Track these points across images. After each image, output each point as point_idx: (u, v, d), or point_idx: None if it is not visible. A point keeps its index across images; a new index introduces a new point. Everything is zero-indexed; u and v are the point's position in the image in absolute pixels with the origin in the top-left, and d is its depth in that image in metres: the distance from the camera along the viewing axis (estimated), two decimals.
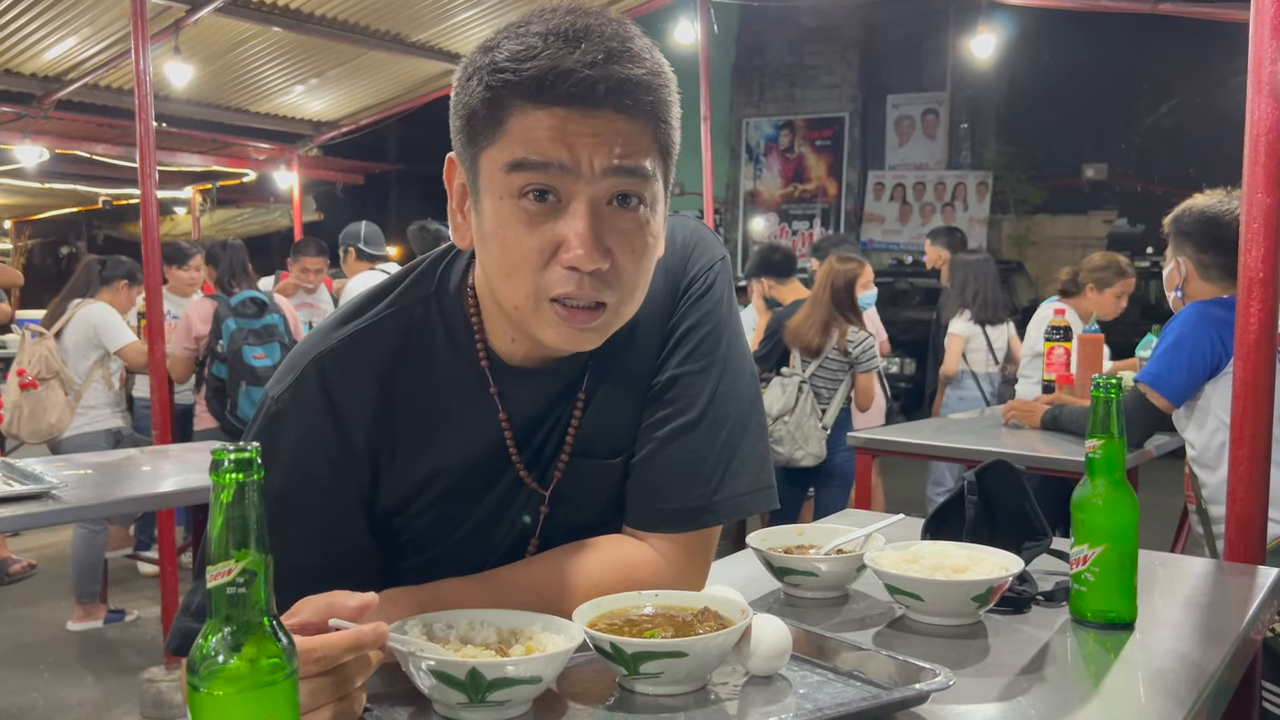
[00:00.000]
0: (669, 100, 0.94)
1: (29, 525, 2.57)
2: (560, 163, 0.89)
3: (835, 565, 1.29)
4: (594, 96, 0.88)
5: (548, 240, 0.91)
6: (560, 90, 0.87)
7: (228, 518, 0.68)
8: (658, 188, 0.95)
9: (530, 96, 0.88)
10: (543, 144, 0.89)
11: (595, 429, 1.08)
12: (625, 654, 0.92)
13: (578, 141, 0.89)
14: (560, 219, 0.90)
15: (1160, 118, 13.59)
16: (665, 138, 0.95)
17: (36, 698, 3.67)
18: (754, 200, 14.37)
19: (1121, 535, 1.19)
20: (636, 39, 0.92)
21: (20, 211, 13.95)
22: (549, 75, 0.87)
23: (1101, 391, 1.19)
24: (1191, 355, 2.54)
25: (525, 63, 0.88)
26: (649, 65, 0.92)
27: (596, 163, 0.89)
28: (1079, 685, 1.07)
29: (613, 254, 0.92)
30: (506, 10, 6.70)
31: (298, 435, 1.00)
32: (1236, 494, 2.05)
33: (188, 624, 1.01)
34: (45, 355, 4.30)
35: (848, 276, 4.17)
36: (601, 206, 0.91)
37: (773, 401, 4.19)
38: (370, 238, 5.34)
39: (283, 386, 1.02)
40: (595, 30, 0.89)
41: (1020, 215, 13.51)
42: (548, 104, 0.88)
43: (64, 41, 6.43)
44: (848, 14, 12.85)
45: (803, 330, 4.20)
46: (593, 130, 0.89)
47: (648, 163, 0.92)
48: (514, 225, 0.91)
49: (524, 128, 0.89)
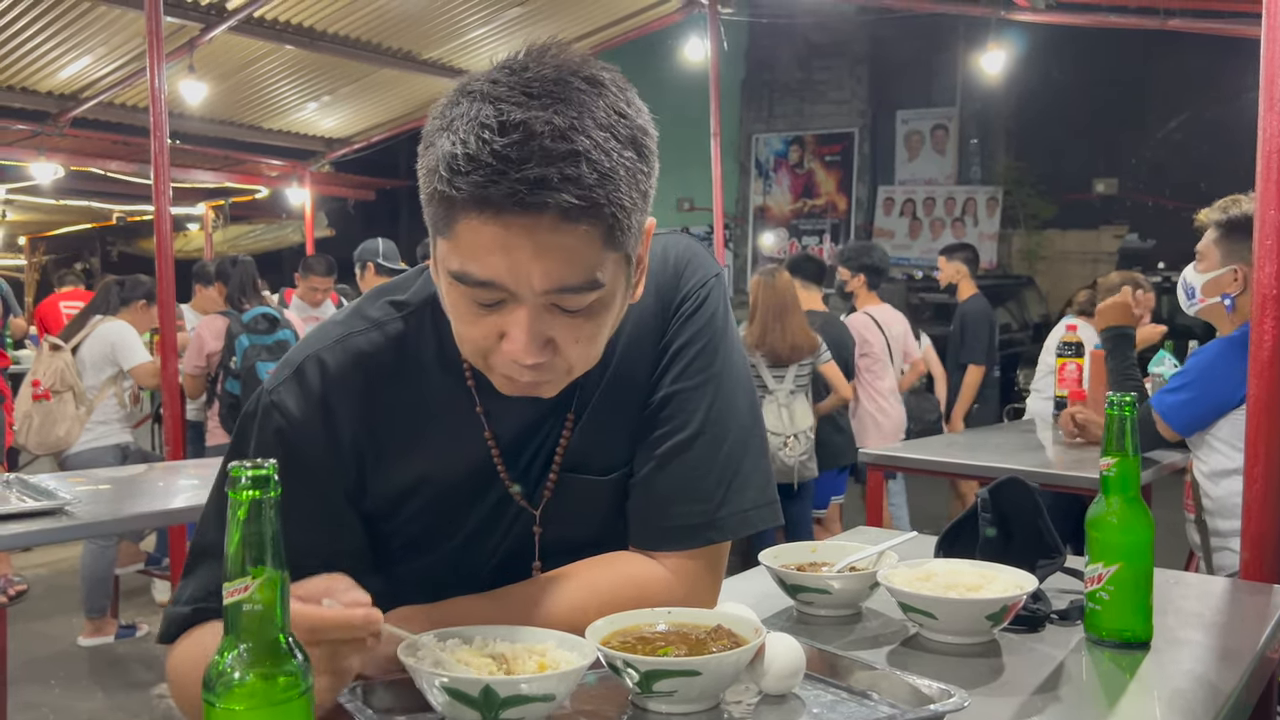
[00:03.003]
0: (622, 191, 0.88)
1: (42, 541, 2.57)
2: (497, 282, 0.88)
3: (848, 583, 1.28)
4: (529, 203, 0.85)
5: (491, 329, 0.92)
6: (492, 203, 0.85)
7: (244, 535, 0.68)
8: (611, 284, 0.92)
9: (467, 204, 0.86)
10: (483, 260, 0.87)
11: (587, 447, 1.08)
12: (638, 672, 0.92)
13: (518, 258, 0.86)
14: (504, 313, 0.91)
15: (1171, 132, 13.57)
16: (620, 234, 0.89)
17: (47, 713, 3.67)
18: (763, 215, 14.37)
19: (1136, 553, 1.18)
20: (586, 116, 0.86)
21: (35, 228, 14.05)
22: (484, 190, 0.85)
23: (1115, 409, 1.18)
24: (1209, 394, 2.45)
25: (464, 174, 0.85)
26: (596, 161, 0.86)
27: (536, 284, 0.88)
28: (1094, 705, 1.06)
29: (556, 345, 0.92)
30: (516, 28, 6.74)
31: (288, 426, 1.02)
32: (1252, 512, 2.04)
33: (174, 611, 1.04)
34: (61, 368, 4.33)
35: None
36: (543, 310, 0.90)
37: (780, 418, 4.20)
38: (388, 253, 5.38)
39: (277, 380, 1.05)
40: (536, 127, 0.85)
41: (1030, 230, 13.47)
42: (483, 212, 0.86)
43: (79, 60, 6.50)
44: (856, 30, 12.87)
45: (789, 339, 4.22)
46: (534, 246, 0.86)
47: (595, 273, 0.89)
48: (461, 310, 0.93)
49: (469, 236, 0.88)
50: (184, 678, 1.00)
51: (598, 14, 6.82)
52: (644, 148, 0.92)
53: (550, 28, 6.85)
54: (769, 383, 4.25)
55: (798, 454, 4.19)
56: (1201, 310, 2.63)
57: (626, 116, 0.90)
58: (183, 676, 1.01)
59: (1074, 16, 6.23)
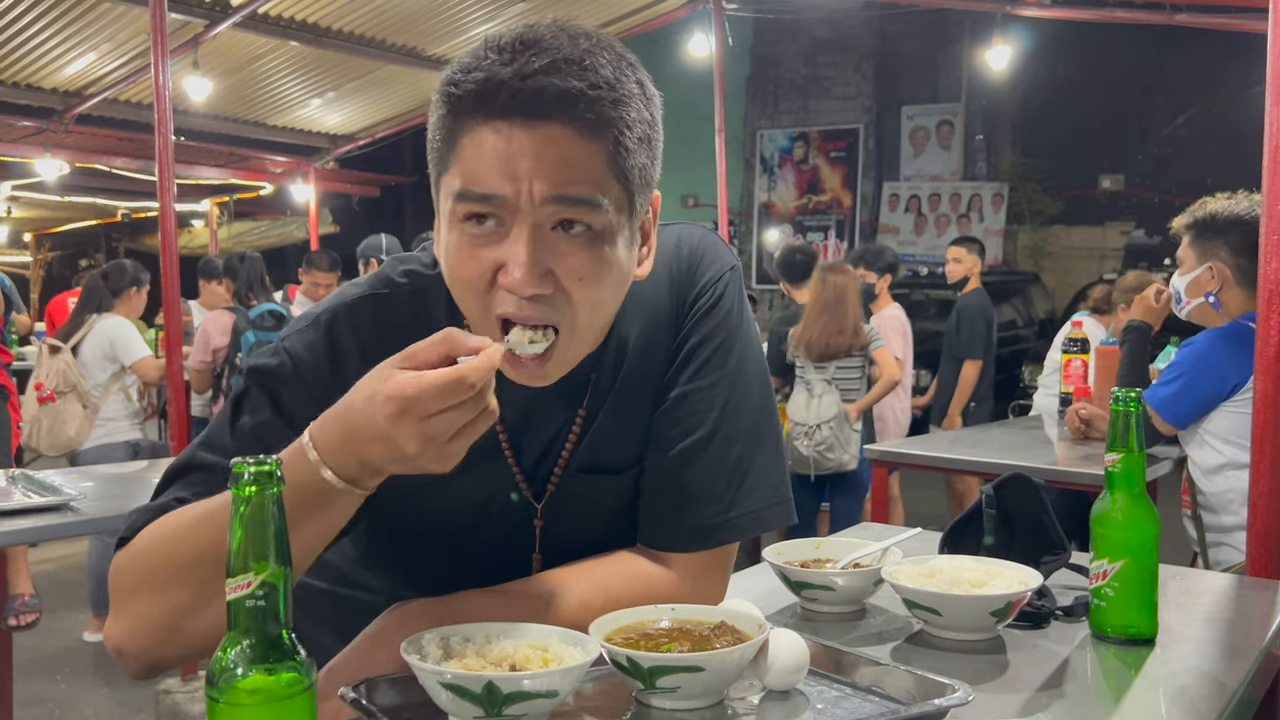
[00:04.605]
0: (629, 119, 0.88)
1: (47, 537, 2.58)
2: (498, 195, 0.87)
3: (852, 579, 1.28)
4: (534, 108, 0.84)
5: (488, 264, 0.90)
6: (498, 103, 0.84)
7: (247, 530, 0.68)
8: (613, 218, 0.90)
9: (472, 111, 0.86)
10: (483, 172, 0.87)
11: (598, 444, 1.07)
12: (642, 668, 0.92)
13: (519, 165, 0.85)
14: (502, 244, 0.89)
15: (1177, 128, 13.53)
16: (624, 162, 0.89)
17: (53, 708, 3.68)
18: (768, 211, 14.36)
19: (1141, 550, 1.18)
20: (599, 53, 0.87)
21: (40, 224, 14.09)
22: (485, 86, 0.84)
23: (1121, 405, 1.18)
24: (1200, 385, 2.48)
25: (468, 74, 0.86)
26: (604, 78, 0.86)
27: (536, 190, 0.86)
28: (1099, 701, 1.06)
29: (557, 278, 0.90)
30: (520, 24, 6.73)
31: (295, 377, 1.01)
32: (1257, 508, 2.04)
33: (134, 514, 0.97)
34: (63, 369, 4.34)
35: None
36: (545, 231, 0.89)
37: (809, 409, 4.23)
38: (392, 249, 5.40)
39: (292, 330, 1.05)
40: (546, 41, 0.86)
41: (1036, 226, 13.45)
42: (490, 118, 0.85)
43: (84, 57, 6.51)
44: (862, 25, 12.85)
45: (825, 335, 4.24)
46: (534, 149, 0.85)
47: (598, 193, 0.87)
48: (459, 249, 0.91)
49: (472, 148, 0.87)
50: (140, 564, 0.92)
51: (602, 9, 6.81)
52: (652, 102, 0.92)
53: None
54: (810, 374, 4.29)
55: (815, 444, 4.21)
56: (1191, 313, 2.69)
57: (636, 69, 0.91)
58: (140, 564, 0.92)
59: (1080, 11, 6.21)
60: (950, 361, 5.48)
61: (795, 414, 4.33)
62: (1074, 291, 11.03)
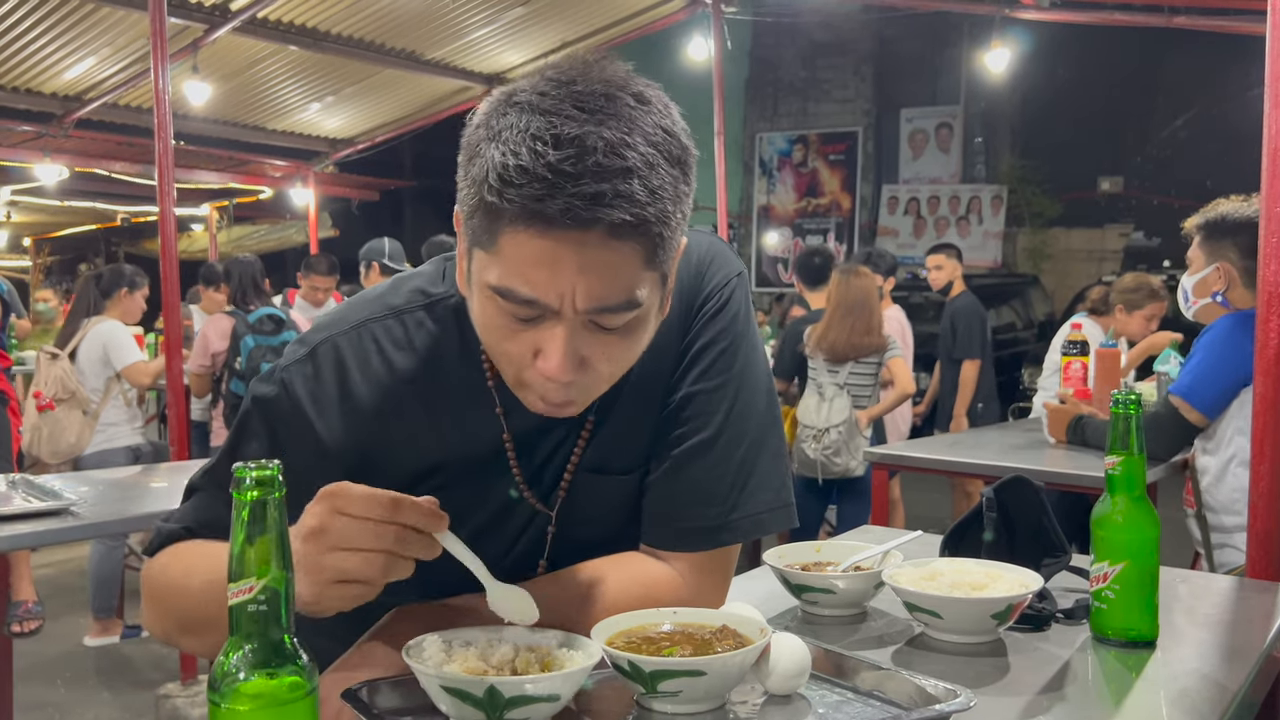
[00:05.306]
0: (670, 208, 0.88)
1: (48, 541, 2.58)
2: (541, 302, 0.87)
3: (853, 582, 1.28)
4: (586, 223, 0.84)
5: (526, 345, 0.91)
6: (548, 218, 0.84)
7: (249, 535, 0.68)
8: (647, 301, 0.91)
9: (519, 222, 0.86)
10: (527, 274, 0.87)
11: (606, 448, 1.08)
12: (643, 672, 0.92)
13: (563, 274, 0.86)
14: (540, 329, 0.90)
15: (1176, 130, 13.55)
16: (662, 253, 0.90)
17: (53, 713, 3.68)
18: (768, 214, 14.37)
19: (1142, 552, 1.18)
20: (638, 134, 0.86)
21: (40, 229, 14.09)
22: (537, 204, 0.84)
23: (1121, 407, 1.18)
24: (1225, 367, 2.48)
25: (516, 186, 0.84)
26: (648, 180, 0.86)
27: (579, 302, 0.87)
28: (1100, 704, 1.06)
29: (590, 364, 0.92)
30: (519, 28, 6.74)
31: (292, 413, 1.03)
32: (1257, 510, 2.03)
33: (164, 527, 1.08)
34: (61, 376, 4.32)
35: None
36: (581, 327, 0.90)
37: (819, 412, 4.22)
38: (394, 253, 5.39)
39: (291, 359, 1.06)
40: (590, 142, 0.84)
41: (1035, 229, 13.47)
42: (531, 224, 0.85)
43: (84, 61, 6.52)
44: (861, 28, 12.87)
45: (850, 336, 4.23)
46: (579, 262, 0.85)
47: (636, 292, 0.89)
48: (496, 325, 0.92)
49: (514, 250, 0.87)
50: (158, 589, 1.04)
51: (601, 13, 6.82)
52: (687, 166, 0.92)
53: (554, 28, 6.85)
54: (822, 376, 4.28)
55: (823, 448, 4.20)
56: (1198, 312, 2.70)
57: (673, 135, 0.90)
58: (158, 588, 1.04)
59: (1079, 14, 6.22)
60: (948, 365, 5.48)
61: (805, 416, 4.31)
62: (1073, 294, 11.04)
